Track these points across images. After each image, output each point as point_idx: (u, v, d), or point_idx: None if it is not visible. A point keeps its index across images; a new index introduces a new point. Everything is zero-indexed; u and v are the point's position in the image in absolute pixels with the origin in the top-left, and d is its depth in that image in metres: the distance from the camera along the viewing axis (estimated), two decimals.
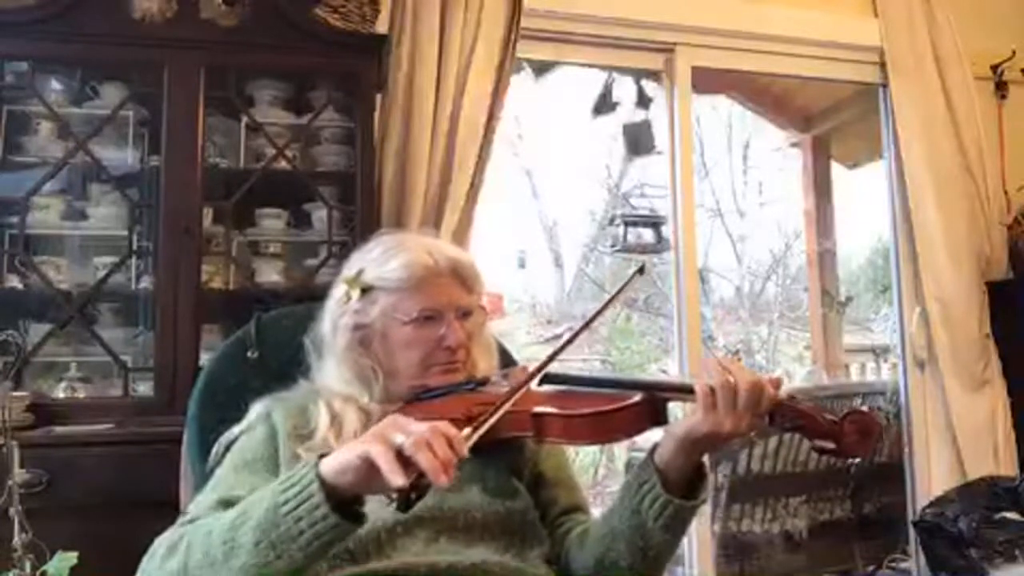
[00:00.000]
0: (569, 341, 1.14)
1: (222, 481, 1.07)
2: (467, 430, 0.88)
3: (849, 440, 0.97)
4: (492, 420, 0.93)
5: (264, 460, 1.09)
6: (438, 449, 0.82)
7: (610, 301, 1.26)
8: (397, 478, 0.79)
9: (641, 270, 1.17)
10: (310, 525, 0.85)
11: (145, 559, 0.95)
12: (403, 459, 0.81)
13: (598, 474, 5.89)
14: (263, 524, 0.86)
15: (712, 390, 0.97)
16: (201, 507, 1.02)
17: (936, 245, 2.94)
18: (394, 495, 0.80)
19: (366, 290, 1.18)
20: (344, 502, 0.86)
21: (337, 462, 0.85)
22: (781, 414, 0.99)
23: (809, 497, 3.36)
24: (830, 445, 0.98)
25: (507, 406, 0.97)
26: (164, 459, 1.42)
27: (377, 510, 1.04)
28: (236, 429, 1.17)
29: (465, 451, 0.85)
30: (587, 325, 1.16)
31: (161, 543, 0.95)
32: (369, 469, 0.82)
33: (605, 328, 7.56)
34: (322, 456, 0.88)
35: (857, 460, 0.98)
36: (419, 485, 0.81)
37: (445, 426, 0.85)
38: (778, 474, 3.24)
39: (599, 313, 1.20)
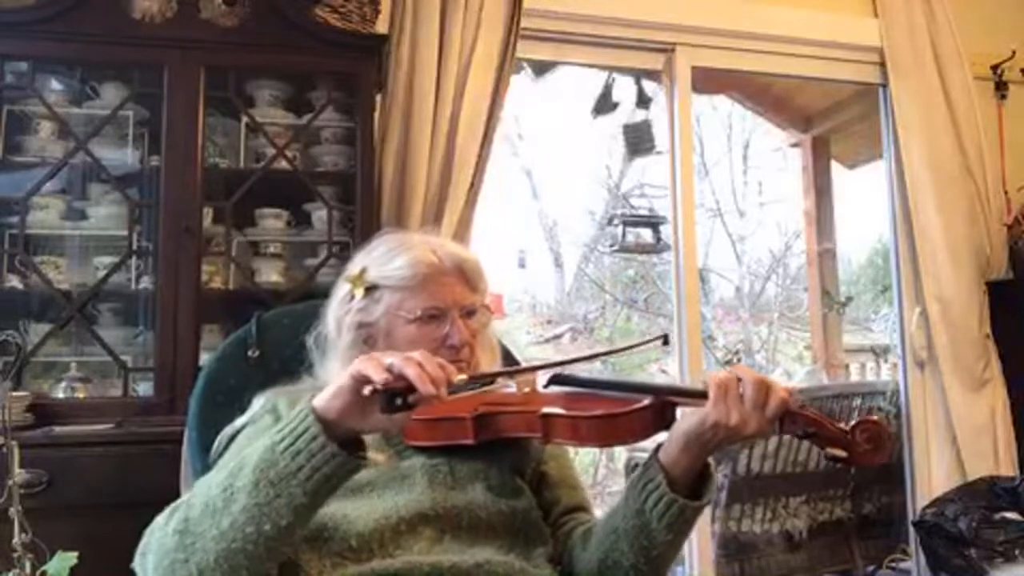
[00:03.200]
0: (576, 360, 1.15)
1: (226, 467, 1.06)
2: (463, 376, 0.91)
3: (860, 449, 0.97)
4: (489, 376, 1.00)
5: None
6: (428, 366, 0.84)
7: (624, 350, 1.28)
8: (381, 375, 0.82)
9: (665, 340, 1.19)
10: (308, 458, 0.85)
11: (147, 533, 0.94)
12: (393, 374, 0.84)
13: (598, 474, 5.89)
14: (260, 464, 0.86)
15: (722, 382, 0.98)
16: None
17: (936, 245, 2.94)
18: (376, 396, 0.83)
19: (370, 288, 1.18)
20: (344, 445, 0.86)
21: (329, 390, 0.87)
22: (792, 421, 0.99)
23: (809, 497, 3.35)
24: (842, 454, 0.98)
25: (507, 377, 1.03)
26: (164, 459, 1.42)
27: (382, 508, 1.04)
28: (239, 421, 1.16)
29: (456, 377, 0.87)
30: (591, 358, 1.19)
31: (160, 515, 0.94)
32: (358, 386, 0.84)
33: (606, 328, 7.57)
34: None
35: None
36: (404, 391, 0.83)
37: (440, 358, 0.88)
38: (778, 474, 3.24)
39: (611, 353, 1.23)
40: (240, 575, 0.87)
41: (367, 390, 0.83)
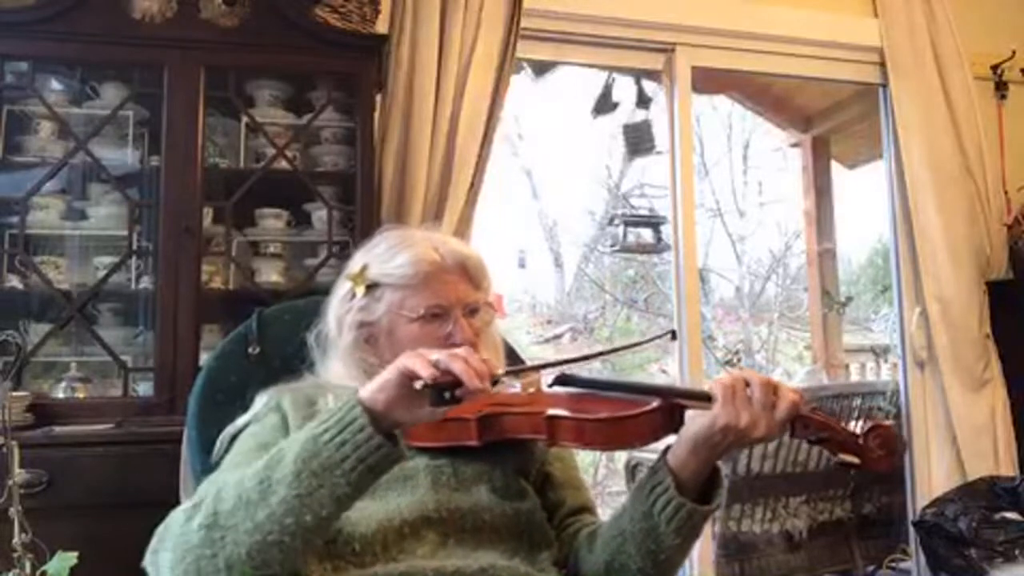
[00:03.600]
0: (584, 359, 1.14)
1: (238, 463, 1.03)
2: (501, 370, 0.94)
3: (873, 456, 0.96)
4: (526, 369, 1.02)
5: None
6: (472, 361, 0.86)
7: (634, 346, 1.28)
8: (429, 372, 0.84)
9: (673, 336, 1.19)
10: (354, 448, 0.85)
11: (160, 530, 0.92)
12: (440, 370, 0.85)
13: (598, 474, 5.89)
14: (302, 455, 0.86)
15: (729, 384, 0.98)
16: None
17: (936, 245, 2.94)
18: (426, 390, 0.84)
19: (371, 287, 1.17)
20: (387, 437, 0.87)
21: (375, 383, 0.88)
22: (804, 425, 0.98)
23: (809, 497, 3.35)
24: (855, 461, 0.97)
25: (535, 371, 1.05)
26: (164, 459, 1.42)
27: (384, 510, 1.03)
28: (241, 420, 1.15)
29: (499, 370, 0.90)
30: (603, 354, 1.19)
31: (177, 512, 0.92)
32: (406, 380, 0.85)
33: (606, 328, 7.56)
34: None
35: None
36: (452, 385, 0.85)
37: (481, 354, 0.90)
38: (778, 474, 3.23)
39: (619, 350, 1.24)
40: (272, 569, 0.86)
41: (418, 384, 0.85)
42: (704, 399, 1.00)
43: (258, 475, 0.87)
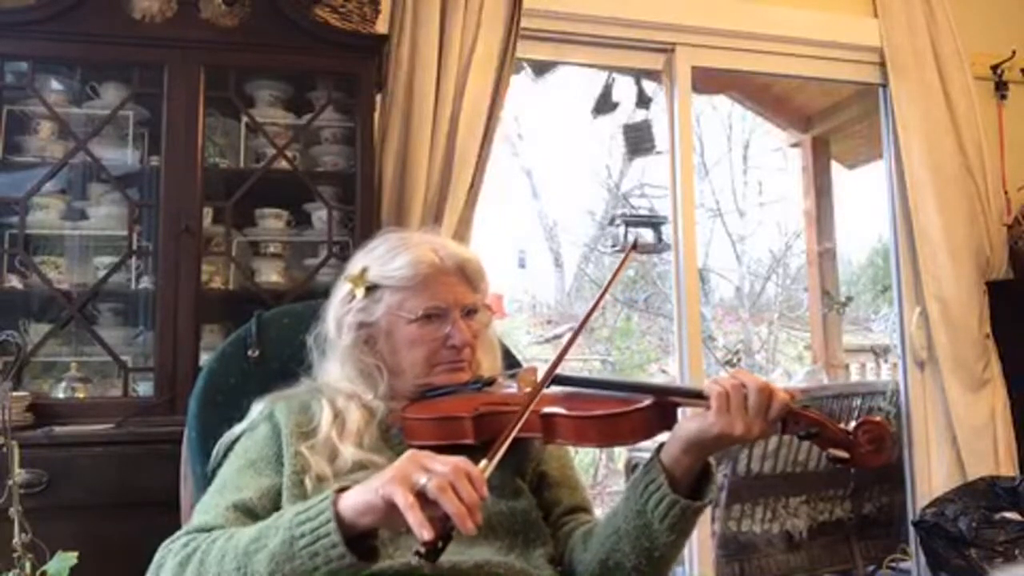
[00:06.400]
0: (574, 337, 1.15)
1: (228, 483, 1.06)
2: (483, 462, 0.87)
3: (862, 450, 0.96)
4: (505, 447, 0.92)
5: (268, 459, 1.09)
6: (463, 491, 0.80)
7: (611, 282, 1.28)
8: (425, 532, 0.77)
9: (635, 245, 1.18)
10: (326, 562, 0.83)
11: (152, 568, 0.93)
12: (427, 502, 0.79)
13: (598, 474, 5.89)
14: (278, 556, 0.85)
15: (724, 392, 0.97)
16: (210, 513, 1.01)
17: (936, 245, 2.94)
18: (421, 549, 0.78)
19: (371, 288, 1.18)
20: (361, 535, 0.85)
21: (358, 502, 0.84)
22: (794, 421, 0.99)
23: (809, 497, 3.35)
24: (844, 455, 0.97)
25: (516, 431, 0.96)
26: (164, 459, 1.42)
27: None
28: (237, 429, 1.16)
29: (486, 491, 0.82)
30: (589, 315, 1.19)
31: (170, 553, 0.94)
32: (392, 512, 0.81)
33: (605, 328, 7.56)
34: (341, 490, 0.86)
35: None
36: (445, 531, 0.78)
37: (466, 463, 0.83)
38: (778, 474, 3.24)
39: (599, 300, 1.23)
40: None
41: (415, 555, 0.80)
42: (697, 397, 1.01)
43: (237, 560, 0.87)
